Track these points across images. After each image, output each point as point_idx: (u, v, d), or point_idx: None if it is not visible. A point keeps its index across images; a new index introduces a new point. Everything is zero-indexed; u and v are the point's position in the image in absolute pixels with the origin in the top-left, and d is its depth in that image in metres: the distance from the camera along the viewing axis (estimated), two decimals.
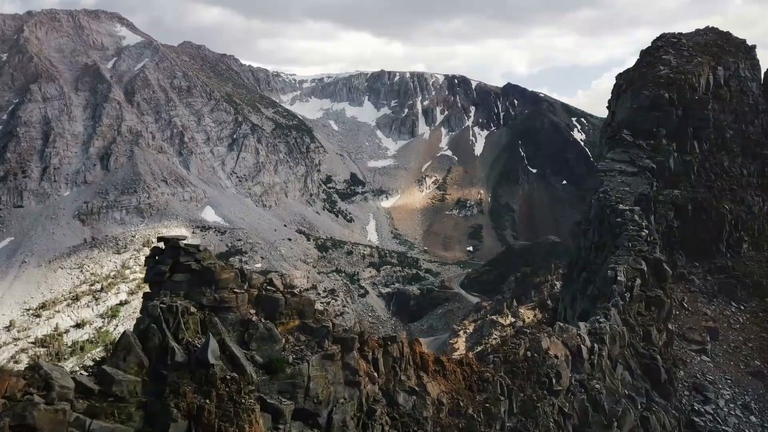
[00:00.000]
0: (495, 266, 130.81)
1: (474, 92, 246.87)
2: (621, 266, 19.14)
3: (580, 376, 16.12)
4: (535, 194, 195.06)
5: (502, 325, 78.87)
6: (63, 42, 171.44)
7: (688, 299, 26.65)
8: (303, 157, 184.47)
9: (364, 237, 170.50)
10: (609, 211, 22.07)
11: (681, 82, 28.20)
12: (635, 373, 17.89)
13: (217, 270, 12.25)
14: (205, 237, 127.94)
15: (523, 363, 15.53)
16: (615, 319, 17.37)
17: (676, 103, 27.41)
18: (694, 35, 35.02)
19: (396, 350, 14.70)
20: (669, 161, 25.91)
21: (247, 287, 12.93)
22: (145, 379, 10.07)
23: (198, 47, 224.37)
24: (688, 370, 22.69)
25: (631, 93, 29.81)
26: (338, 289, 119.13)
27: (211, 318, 11.49)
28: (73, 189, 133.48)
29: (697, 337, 24.09)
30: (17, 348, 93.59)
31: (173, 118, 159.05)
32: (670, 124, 27.09)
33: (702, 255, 27.14)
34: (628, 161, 26.00)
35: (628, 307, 18.40)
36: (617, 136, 27.10)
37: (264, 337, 12.03)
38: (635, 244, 20.45)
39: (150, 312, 10.83)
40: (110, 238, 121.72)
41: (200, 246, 12.72)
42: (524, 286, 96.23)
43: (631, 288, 18.60)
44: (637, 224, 21.32)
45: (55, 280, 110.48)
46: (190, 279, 11.87)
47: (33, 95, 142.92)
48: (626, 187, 24.16)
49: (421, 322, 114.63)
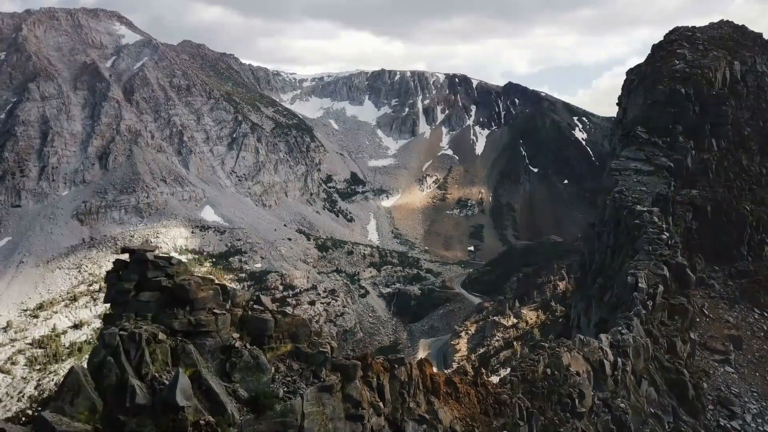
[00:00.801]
0: (496, 266, 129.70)
1: (475, 91, 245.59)
2: (641, 272, 17.80)
3: (604, 395, 14.75)
4: (536, 194, 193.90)
5: (505, 326, 77.76)
6: (62, 40, 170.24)
7: (709, 305, 25.16)
8: (303, 157, 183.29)
9: (364, 237, 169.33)
10: (626, 212, 20.74)
11: (698, 76, 26.82)
12: (661, 389, 16.50)
13: (193, 287, 10.23)
14: (204, 237, 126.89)
15: (542, 382, 13.99)
16: (638, 329, 16.05)
17: (693, 99, 26.14)
18: (708, 29, 33.56)
19: (404, 374, 12.96)
20: (687, 160, 24.60)
21: (230, 306, 10.99)
22: (98, 427, 8.06)
23: (198, 46, 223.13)
24: (712, 382, 21.16)
25: (644, 88, 28.50)
26: (338, 290, 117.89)
27: (185, 346, 9.53)
28: (71, 188, 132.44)
29: (719, 346, 22.64)
30: (14, 349, 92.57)
31: (172, 117, 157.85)
32: (686, 121, 25.78)
33: (722, 258, 25.75)
34: (644, 159, 24.64)
35: (651, 317, 17.02)
36: (631, 133, 25.78)
37: (249, 367, 10.09)
38: (656, 248, 19.03)
39: (106, 342, 8.86)
40: (109, 238, 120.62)
41: (172, 258, 10.68)
42: (526, 287, 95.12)
43: (653, 295, 17.25)
44: (656, 226, 19.94)
45: (53, 281, 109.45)
46: (160, 298, 9.99)
47: (31, 94, 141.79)
48: (643, 187, 22.78)
49: (422, 323, 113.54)
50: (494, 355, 64.71)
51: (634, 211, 20.30)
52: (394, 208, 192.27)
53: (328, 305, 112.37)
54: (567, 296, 74.84)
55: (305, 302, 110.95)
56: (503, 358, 62.65)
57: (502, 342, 70.31)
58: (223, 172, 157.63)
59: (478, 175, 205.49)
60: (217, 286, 11.03)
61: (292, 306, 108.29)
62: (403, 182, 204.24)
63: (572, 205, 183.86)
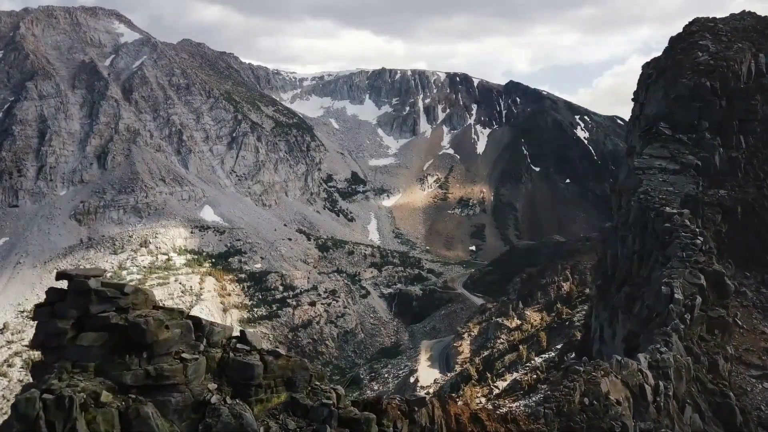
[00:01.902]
0: (498, 266, 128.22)
1: (476, 90, 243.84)
2: (676, 281, 16.26)
3: (646, 425, 13.08)
4: (537, 193, 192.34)
5: (509, 328, 76.26)
6: (60, 39, 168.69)
7: (742, 315, 23.48)
8: (303, 156, 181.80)
9: (365, 236, 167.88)
10: (653, 214, 19.25)
11: (723, 69, 25.27)
12: (706, 415, 14.93)
13: (152, 325, 7.38)
14: (203, 237, 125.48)
15: (580, 415, 12.19)
16: (678, 347, 14.54)
17: (719, 93, 24.65)
18: (730, 20, 32.02)
19: (424, 416, 10.69)
20: (714, 157, 23.15)
21: (205, 347, 8.21)
22: None
23: (197, 45, 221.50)
24: (750, 401, 19.46)
25: (664, 82, 27.00)
26: (339, 290, 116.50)
27: (140, 408, 6.72)
28: (69, 188, 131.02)
29: (756, 360, 20.98)
30: (11, 351, 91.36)
31: (171, 116, 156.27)
32: (712, 116, 24.30)
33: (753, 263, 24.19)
34: (669, 157, 23.10)
35: (689, 332, 15.47)
36: (653, 130, 24.31)
37: (230, 429, 7.34)
38: (690, 254, 17.44)
39: (21, 411, 5.94)
40: (107, 238, 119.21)
41: (125, 286, 7.90)
42: (529, 287, 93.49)
43: (691, 308, 15.72)
44: (689, 230, 18.39)
45: (50, 282, 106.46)
46: (108, 342, 7.16)
47: (29, 93, 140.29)
48: (669, 187, 21.22)
49: (423, 324, 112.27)
50: (499, 358, 63.11)
51: (663, 214, 18.77)
52: (395, 208, 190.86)
53: (329, 306, 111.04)
54: (572, 298, 73.39)
55: (306, 303, 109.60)
56: (508, 361, 61.14)
57: (506, 345, 68.77)
58: (222, 171, 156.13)
59: (480, 175, 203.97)
60: (187, 321, 8.25)
61: (292, 307, 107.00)
62: (404, 182, 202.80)
63: (574, 205, 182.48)
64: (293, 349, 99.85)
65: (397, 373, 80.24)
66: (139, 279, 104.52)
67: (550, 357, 50.88)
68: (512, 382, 50.30)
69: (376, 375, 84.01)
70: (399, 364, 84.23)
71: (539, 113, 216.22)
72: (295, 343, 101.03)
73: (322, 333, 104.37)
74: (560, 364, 47.10)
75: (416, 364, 77.65)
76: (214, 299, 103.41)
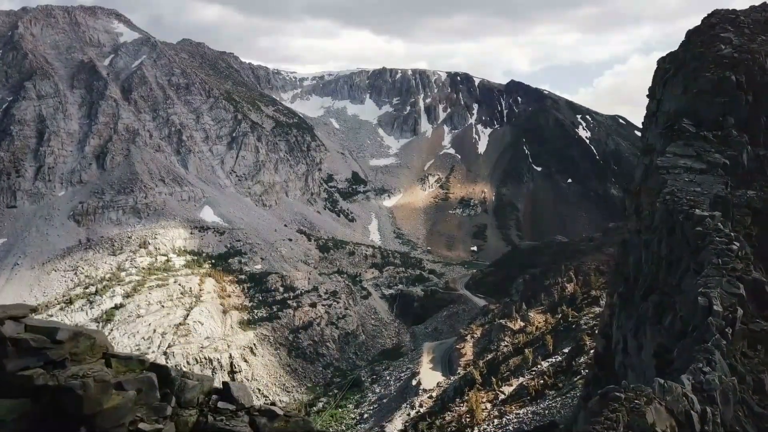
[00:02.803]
0: (500, 267, 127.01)
1: (477, 90, 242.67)
2: (714, 291, 14.91)
3: None
4: (539, 193, 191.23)
5: (512, 330, 74.98)
6: (59, 39, 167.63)
7: None
8: (304, 156, 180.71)
9: (366, 237, 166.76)
10: (682, 217, 18.01)
11: (748, 62, 24.04)
12: None
13: (93, 390, 5.22)
14: (203, 237, 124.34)
15: None
16: (722, 366, 13.22)
17: (745, 87, 23.40)
18: (751, 12, 30.65)
19: None
20: (742, 156, 21.87)
21: (174, 409, 5.93)
22: None
23: (197, 45, 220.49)
24: None
25: (684, 77, 25.74)
26: (340, 291, 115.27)
27: None
28: (68, 189, 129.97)
29: None
30: None
31: (171, 116, 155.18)
32: (738, 112, 23.02)
33: None
34: (694, 156, 21.75)
35: (732, 348, 14.10)
36: (675, 127, 23.02)
37: None
38: (726, 261, 16.11)
39: None
40: (106, 239, 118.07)
41: (58, 330, 5.36)
42: (533, 288, 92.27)
43: (732, 321, 14.37)
44: (724, 235, 17.07)
45: (48, 283, 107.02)
46: (30, 413, 5.11)
47: (27, 93, 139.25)
48: (697, 188, 19.88)
49: (425, 325, 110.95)
50: (503, 361, 61.80)
51: (693, 216, 17.50)
52: (396, 208, 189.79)
53: (330, 307, 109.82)
54: (577, 300, 72.04)
55: (306, 304, 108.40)
56: (513, 365, 59.84)
57: (510, 347, 67.46)
58: (222, 171, 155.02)
59: (481, 174, 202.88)
60: (149, 374, 5.91)
61: (293, 308, 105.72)
62: (405, 181, 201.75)
63: (576, 205, 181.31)
64: (294, 351, 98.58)
65: (399, 375, 78.98)
66: (138, 280, 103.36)
67: (557, 361, 49.56)
68: (518, 387, 49.01)
69: (377, 377, 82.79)
70: (401, 366, 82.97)
71: (540, 113, 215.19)
72: (295, 345, 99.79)
73: (323, 334, 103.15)
74: (568, 370, 45.69)
75: (418, 367, 76.38)
76: (213, 301, 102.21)
